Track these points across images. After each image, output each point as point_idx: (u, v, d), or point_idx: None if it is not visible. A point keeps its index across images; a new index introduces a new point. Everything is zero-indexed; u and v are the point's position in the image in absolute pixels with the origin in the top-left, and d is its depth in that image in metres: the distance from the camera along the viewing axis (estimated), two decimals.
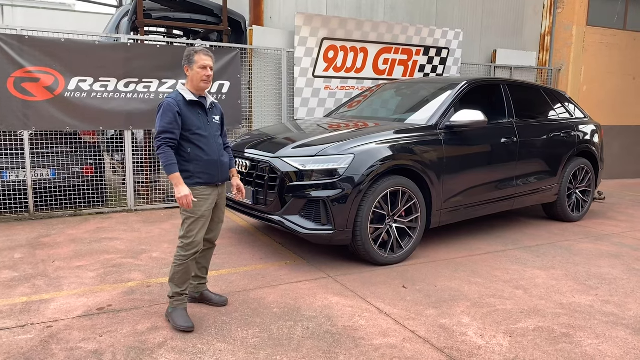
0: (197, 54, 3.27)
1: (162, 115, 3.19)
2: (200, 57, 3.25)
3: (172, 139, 3.16)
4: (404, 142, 4.56)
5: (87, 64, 5.92)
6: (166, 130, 3.15)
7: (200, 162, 3.24)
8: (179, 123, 3.18)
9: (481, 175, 5.18)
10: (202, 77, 3.23)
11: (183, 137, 3.23)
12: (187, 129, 3.23)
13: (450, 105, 5.04)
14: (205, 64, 3.23)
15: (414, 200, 4.58)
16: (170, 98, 3.24)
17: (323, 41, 7.34)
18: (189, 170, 3.23)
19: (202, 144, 3.26)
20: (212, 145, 3.30)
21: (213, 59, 3.32)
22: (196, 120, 3.26)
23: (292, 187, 4.22)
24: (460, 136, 4.97)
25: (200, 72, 3.23)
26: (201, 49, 3.29)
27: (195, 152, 3.23)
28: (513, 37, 9.59)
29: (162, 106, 3.22)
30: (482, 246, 5.17)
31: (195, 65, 3.25)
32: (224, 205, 3.55)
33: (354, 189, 4.19)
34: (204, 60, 3.23)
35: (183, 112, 3.21)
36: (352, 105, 6.24)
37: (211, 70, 3.28)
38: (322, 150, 4.29)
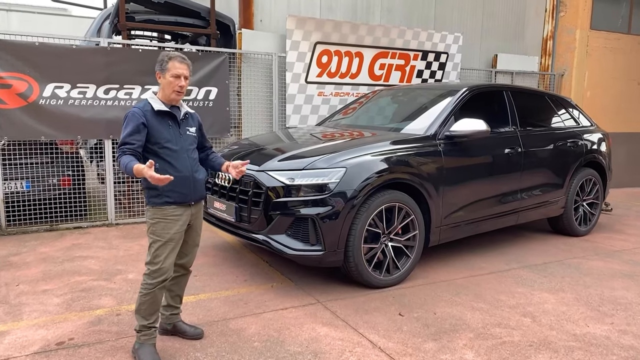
0: (171, 60, 2.92)
1: (125, 126, 2.86)
2: (174, 64, 2.90)
3: (131, 150, 2.81)
4: (400, 153, 4.20)
5: (64, 69, 5.57)
6: (127, 142, 2.82)
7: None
8: (143, 134, 2.84)
9: (484, 189, 4.83)
10: (174, 87, 2.89)
11: (150, 151, 2.88)
12: (155, 141, 2.88)
13: (450, 113, 4.69)
14: (179, 72, 2.89)
15: (412, 216, 4.22)
16: (137, 108, 2.90)
17: (316, 45, 7.00)
18: (157, 188, 2.88)
19: (172, 158, 2.91)
20: (183, 160, 2.95)
21: (189, 67, 2.98)
22: (165, 133, 2.91)
23: (278, 204, 3.86)
24: (461, 147, 4.62)
25: (172, 82, 2.89)
26: (176, 55, 2.94)
27: (163, 168, 2.88)
28: (514, 41, 9.26)
29: (126, 116, 2.88)
30: (484, 265, 4.81)
31: (167, 73, 2.90)
32: (199, 227, 3.19)
33: (346, 206, 3.83)
34: (177, 69, 2.89)
35: (150, 123, 2.86)
36: (347, 112, 5.90)
37: (186, 80, 2.93)
38: (311, 163, 3.94)
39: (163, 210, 2.90)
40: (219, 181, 4.40)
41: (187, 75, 2.92)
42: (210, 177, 4.58)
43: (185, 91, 2.95)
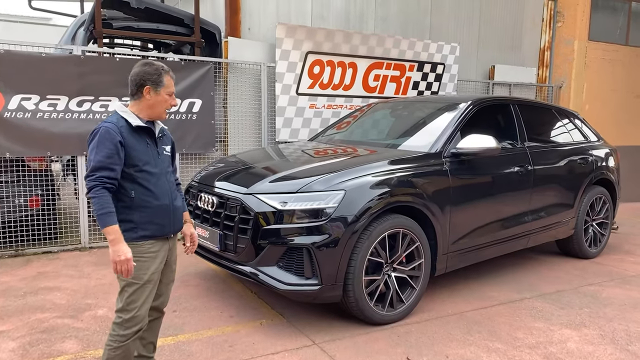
0: (165, 75, 2.50)
1: (98, 146, 2.37)
2: (169, 80, 2.51)
3: (110, 179, 2.35)
4: (404, 173, 3.78)
5: (33, 79, 5.07)
6: (104, 167, 2.34)
7: (149, 209, 2.45)
8: (122, 156, 2.38)
9: (493, 211, 4.42)
10: (168, 106, 2.51)
11: (125, 176, 2.42)
12: (132, 164, 2.42)
13: (456, 128, 4.30)
14: (173, 90, 2.51)
15: (417, 243, 3.80)
16: (110, 123, 2.43)
17: (307, 55, 6.60)
18: (132, 220, 2.42)
19: (151, 184, 2.46)
20: (163, 186, 2.51)
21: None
22: (143, 153, 2.46)
23: (269, 232, 3.41)
24: (468, 165, 4.22)
25: (167, 100, 2.51)
26: (168, 70, 2.56)
27: (141, 196, 2.43)
28: (511, 51, 8.96)
29: (97, 133, 2.40)
30: (494, 294, 4.39)
31: (163, 89, 2.48)
32: (174, 262, 2.72)
33: (345, 233, 3.39)
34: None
35: (127, 142, 2.41)
36: (341, 126, 5.48)
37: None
38: (306, 185, 3.50)
39: (139, 246, 2.44)
40: (201, 204, 3.93)
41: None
42: (192, 199, 4.12)
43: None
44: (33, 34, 17.09)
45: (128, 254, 2.31)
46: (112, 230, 2.29)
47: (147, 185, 2.44)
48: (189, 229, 2.78)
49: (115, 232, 2.30)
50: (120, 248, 2.30)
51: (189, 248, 2.78)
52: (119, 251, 2.30)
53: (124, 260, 2.30)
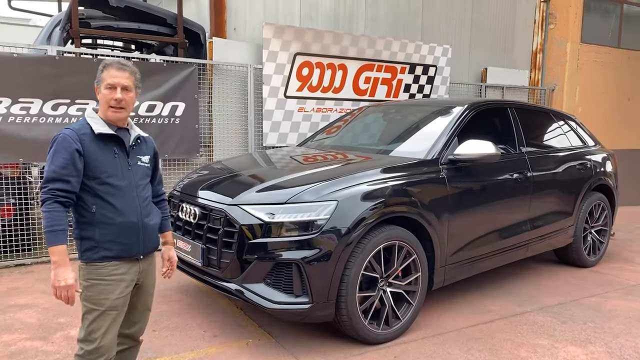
0: (106, 68, 2.24)
1: (53, 155, 2.14)
2: (109, 72, 2.21)
3: (64, 192, 2.10)
4: (399, 182, 3.55)
5: (3, 81, 4.77)
6: (57, 178, 2.10)
7: (111, 226, 2.19)
8: (79, 167, 2.13)
9: (492, 220, 4.22)
10: (109, 101, 2.20)
11: (86, 188, 2.17)
12: (94, 175, 2.17)
13: (453, 133, 4.08)
14: (114, 82, 2.19)
15: (413, 256, 3.57)
16: (70, 129, 2.19)
17: (296, 56, 6.36)
18: (93, 238, 2.17)
19: (116, 198, 2.19)
20: (130, 201, 2.23)
21: (134, 76, 2.29)
22: (108, 164, 2.21)
23: (255, 246, 3.16)
24: (466, 172, 4.01)
25: (106, 95, 2.20)
26: (113, 62, 2.25)
27: (102, 212, 2.17)
28: (503, 54, 8.80)
29: (54, 141, 2.17)
30: (494, 307, 4.17)
31: (102, 84, 2.21)
32: (151, 285, 2.46)
33: (338, 247, 3.15)
34: (113, 77, 2.20)
35: (88, 151, 2.16)
36: (331, 131, 5.25)
37: (126, 91, 2.23)
38: (296, 195, 3.25)
39: (100, 268, 2.18)
40: (182, 215, 3.67)
41: (127, 85, 2.23)
42: (173, 209, 3.85)
43: (127, 106, 2.26)
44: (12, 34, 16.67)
45: (69, 280, 2.08)
46: (57, 250, 2.07)
47: (109, 200, 2.18)
48: (168, 252, 2.54)
49: (61, 254, 2.07)
50: (61, 272, 2.07)
51: (166, 273, 2.54)
52: (60, 275, 2.07)
53: (64, 287, 2.08)
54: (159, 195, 2.57)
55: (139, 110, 5.43)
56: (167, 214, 2.61)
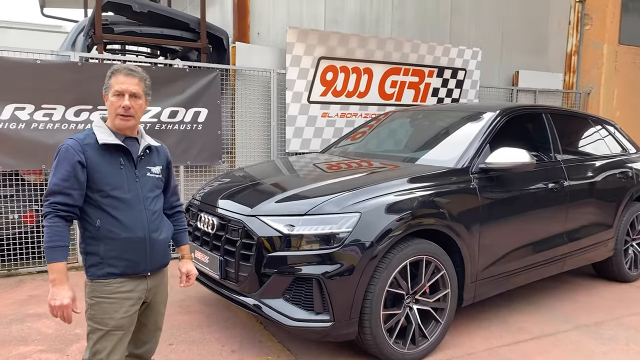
0: (114, 74, 2.12)
1: (56, 167, 2.06)
2: (117, 78, 2.10)
3: (66, 205, 2.01)
4: (428, 192, 3.36)
5: (26, 87, 4.76)
6: (58, 191, 2.00)
7: (115, 242, 2.08)
8: (81, 180, 2.03)
9: (527, 232, 3.97)
10: (116, 109, 2.08)
11: (90, 201, 2.07)
12: (97, 188, 2.06)
13: (484, 141, 3.86)
14: (122, 88, 2.08)
15: (442, 271, 3.36)
16: (74, 140, 2.09)
17: (320, 61, 6.22)
18: (97, 254, 2.06)
19: (120, 212, 2.08)
20: (136, 214, 2.11)
21: (143, 82, 2.17)
22: (113, 175, 2.09)
23: (274, 259, 3.01)
24: (499, 182, 3.78)
25: (114, 103, 2.09)
26: (122, 68, 2.14)
27: (107, 226, 2.06)
28: (536, 56, 8.49)
29: (58, 152, 2.07)
30: (527, 325, 3.92)
31: (110, 91, 2.10)
32: (162, 304, 2.34)
33: (361, 262, 2.98)
34: (120, 84, 2.08)
35: (91, 163, 2.05)
36: (355, 137, 5.08)
37: (135, 98, 2.12)
38: (317, 206, 3.09)
39: (105, 285, 2.07)
40: (201, 225, 3.55)
41: (136, 92, 2.11)
42: (192, 218, 3.74)
43: (136, 114, 2.14)
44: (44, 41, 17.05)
45: (65, 300, 1.98)
46: (56, 268, 1.98)
47: (114, 214, 2.07)
48: (186, 266, 2.42)
49: (59, 272, 1.98)
50: (58, 291, 1.98)
51: (185, 286, 2.42)
52: (56, 294, 1.98)
53: (59, 307, 1.98)
54: (173, 207, 2.45)
55: (161, 116, 5.37)
56: (183, 227, 2.49)
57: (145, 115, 5.29)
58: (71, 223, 2.07)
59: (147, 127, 5.29)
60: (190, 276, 2.42)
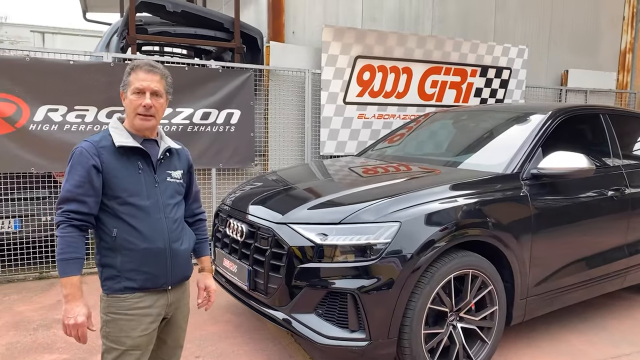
0: (134, 71, 1.95)
1: (69, 172, 1.89)
2: (137, 75, 1.93)
3: (80, 214, 1.84)
4: (475, 200, 3.07)
5: (60, 89, 4.71)
6: (72, 198, 1.84)
7: (134, 253, 1.90)
8: (97, 186, 1.86)
9: (583, 244, 3.61)
10: (136, 108, 1.91)
11: (106, 209, 1.90)
12: (114, 194, 1.89)
13: (536, 144, 3.54)
14: (143, 86, 1.91)
15: (490, 287, 3.07)
16: (88, 142, 1.92)
17: (357, 60, 5.98)
18: (114, 266, 1.89)
19: (139, 221, 1.90)
20: (156, 223, 1.94)
21: (165, 79, 1.99)
22: (130, 181, 1.92)
23: (305, 271, 2.79)
24: (551, 189, 3.45)
25: (133, 102, 1.92)
26: (142, 63, 1.97)
27: (125, 236, 1.89)
28: (586, 54, 8.00)
29: (71, 155, 1.91)
30: (584, 346, 3.56)
31: (129, 89, 1.93)
32: (184, 320, 2.15)
33: (401, 276, 2.72)
34: (141, 81, 1.91)
35: (107, 167, 1.88)
36: (393, 140, 4.82)
37: (157, 97, 1.94)
38: (353, 214, 2.85)
39: (122, 300, 1.90)
40: (230, 232, 3.37)
41: (157, 89, 1.93)
42: (221, 224, 3.57)
43: (157, 114, 1.97)
44: (87, 46, 17.47)
45: (79, 318, 1.82)
46: (69, 282, 1.81)
47: (132, 223, 1.89)
48: (205, 281, 2.23)
49: (72, 286, 1.81)
50: (72, 308, 1.81)
51: (202, 304, 2.23)
52: (70, 312, 1.82)
53: (73, 325, 1.82)
54: (195, 214, 2.27)
55: (194, 118, 5.25)
56: (205, 236, 2.31)
57: (177, 116, 5.18)
58: (86, 233, 1.91)
59: (179, 129, 5.18)
60: (210, 293, 2.23)
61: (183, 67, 5.24)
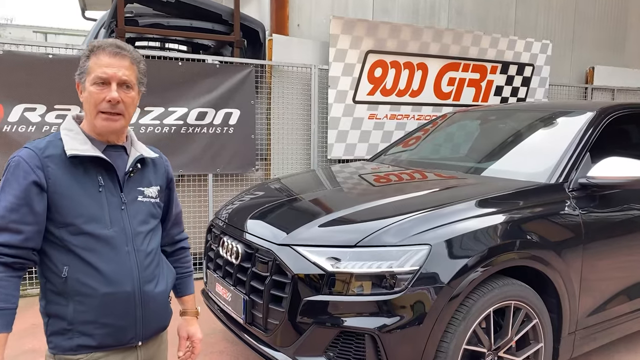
0: (95, 53, 1.44)
1: (1, 191, 1.38)
2: (100, 59, 1.43)
3: (12, 247, 1.37)
4: (517, 216, 2.56)
5: (38, 86, 4.22)
6: (2, 227, 1.35)
7: (91, 299, 1.41)
8: (38, 210, 1.37)
9: None
10: (97, 103, 1.42)
11: (53, 240, 1.41)
12: (65, 221, 1.40)
13: (583, 148, 3.02)
14: (107, 73, 1.43)
15: (534, 320, 2.55)
16: (29, 149, 1.43)
17: (368, 55, 5.47)
18: (64, 317, 1.41)
19: (98, 256, 1.42)
20: (122, 259, 1.45)
21: (136, 66, 1.51)
22: (87, 202, 1.43)
23: (313, 305, 2.28)
24: (604, 202, 2.93)
25: (95, 95, 1.43)
26: (106, 44, 1.47)
27: (78, 277, 1.40)
28: (613, 51, 7.48)
29: (6, 168, 1.41)
30: None
31: (87, 78, 1.43)
32: None
33: (431, 313, 2.21)
34: (104, 67, 1.42)
35: (54, 184, 1.39)
36: (409, 143, 4.32)
37: (127, 88, 1.46)
38: (371, 235, 2.34)
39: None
40: (223, 252, 2.86)
41: (126, 79, 1.45)
42: (213, 241, 3.06)
43: (126, 111, 1.48)
44: None
45: None
46: None
47: (89, 259, 1.40)
48: (187, 328, 1.74)
49: None
50: None
51: (185, 357, 1.73)
52: None
53: None
54: (175, 241, 1.77)
55: (188, 118, 4.74)
56: (188, 269, 1.81)
57: (170, 116, 4.68)
58: (23, 273, 1.42)
59: (172, 131, 4.68)
60: (194, 343, 1.73)
61: (176, 62, 4.73)
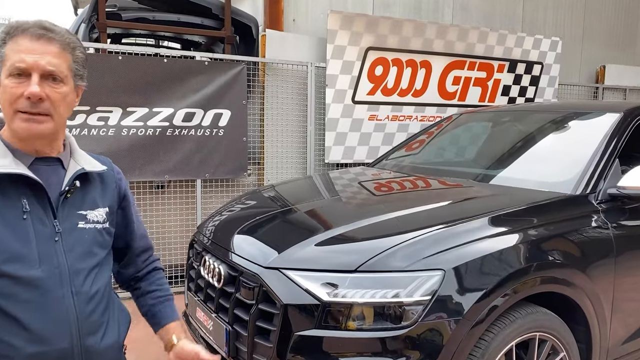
0: (12, 37, 1.09)
1: None
2: (18, 44, 1.08)
3: None
4: (543, 233, 2.23)
5: None
6: None
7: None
8: None
9: None
10: (13, 101, 1.09)
11: None
12: None
13: (612, 155, 2.68)
14: (27, 62, 1.08)
15: (561, 354, 2.22)
16: None
17: (368, 52, 5.13)
18: None
19: (22, 305, 1.09)
20: (55, 307, 1.12)
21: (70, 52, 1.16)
22: (7, 234, 1.09)
23: (306, 341, 1.94)
24: (632, 215, 2.60)
25: (10, 90, 1.08)
26: (28, 25, 1.11)
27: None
28: (624, 49, 7.17)
29: None
30: None
31: (3, 68, 1.09)
32: None
33: (445, 350, 1.87)
34: (23, 54, 1.07)
35: None
36: (412, 147, 3.98)
37: (54, 81, 1.11)
38: (374, 257, 2.00)
39: None
40: (204, 272, 2.51)
41: (54, 70, 1.12)
42: (195, 259, 2.72)
43: (54, 111, 1.14)
44: None
45: None
46: None
47: (10, 310, 1.07)
48: (183, 351, 1.40)
49: None
50: None
51: None
52: None
53: None
54: (141, 269, 1.44)
55: (174, 119, 4.39)
56: (165, 294, 1.49)
57: (154, 118, 4.33)
58: None
59: (157, 133, 4.34)
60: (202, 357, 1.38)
61: (161, 59, 4.38)
